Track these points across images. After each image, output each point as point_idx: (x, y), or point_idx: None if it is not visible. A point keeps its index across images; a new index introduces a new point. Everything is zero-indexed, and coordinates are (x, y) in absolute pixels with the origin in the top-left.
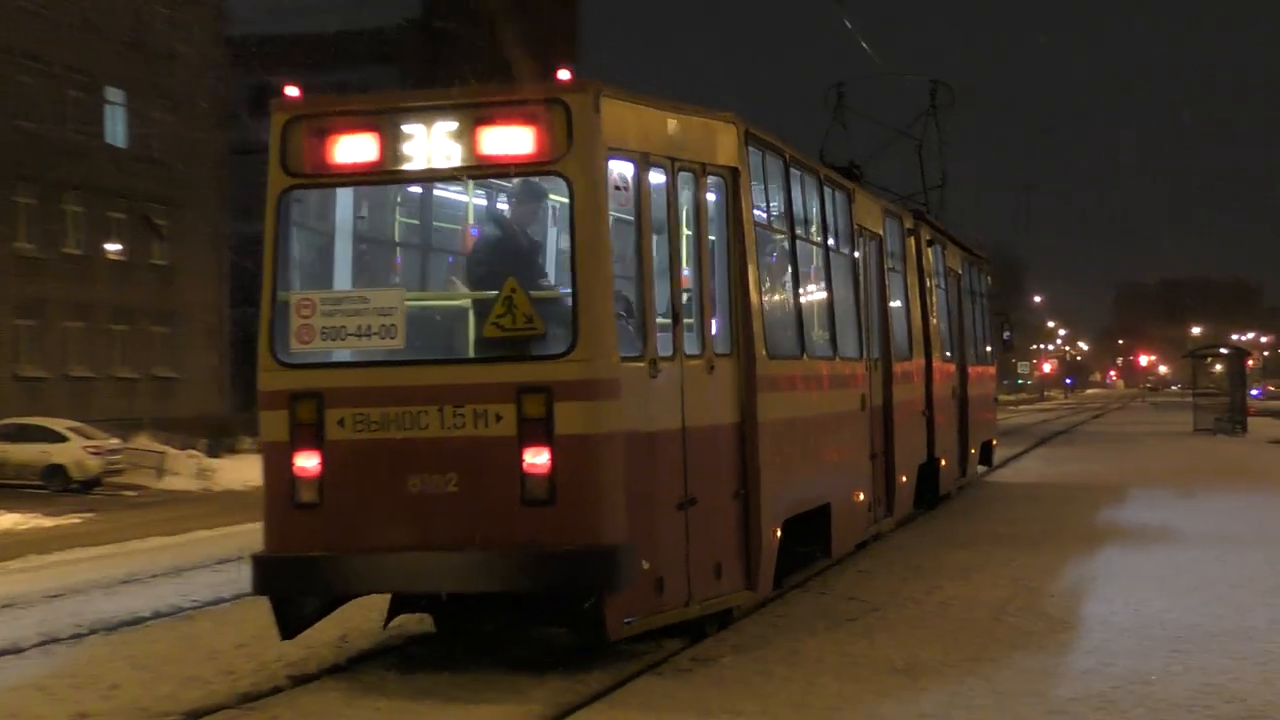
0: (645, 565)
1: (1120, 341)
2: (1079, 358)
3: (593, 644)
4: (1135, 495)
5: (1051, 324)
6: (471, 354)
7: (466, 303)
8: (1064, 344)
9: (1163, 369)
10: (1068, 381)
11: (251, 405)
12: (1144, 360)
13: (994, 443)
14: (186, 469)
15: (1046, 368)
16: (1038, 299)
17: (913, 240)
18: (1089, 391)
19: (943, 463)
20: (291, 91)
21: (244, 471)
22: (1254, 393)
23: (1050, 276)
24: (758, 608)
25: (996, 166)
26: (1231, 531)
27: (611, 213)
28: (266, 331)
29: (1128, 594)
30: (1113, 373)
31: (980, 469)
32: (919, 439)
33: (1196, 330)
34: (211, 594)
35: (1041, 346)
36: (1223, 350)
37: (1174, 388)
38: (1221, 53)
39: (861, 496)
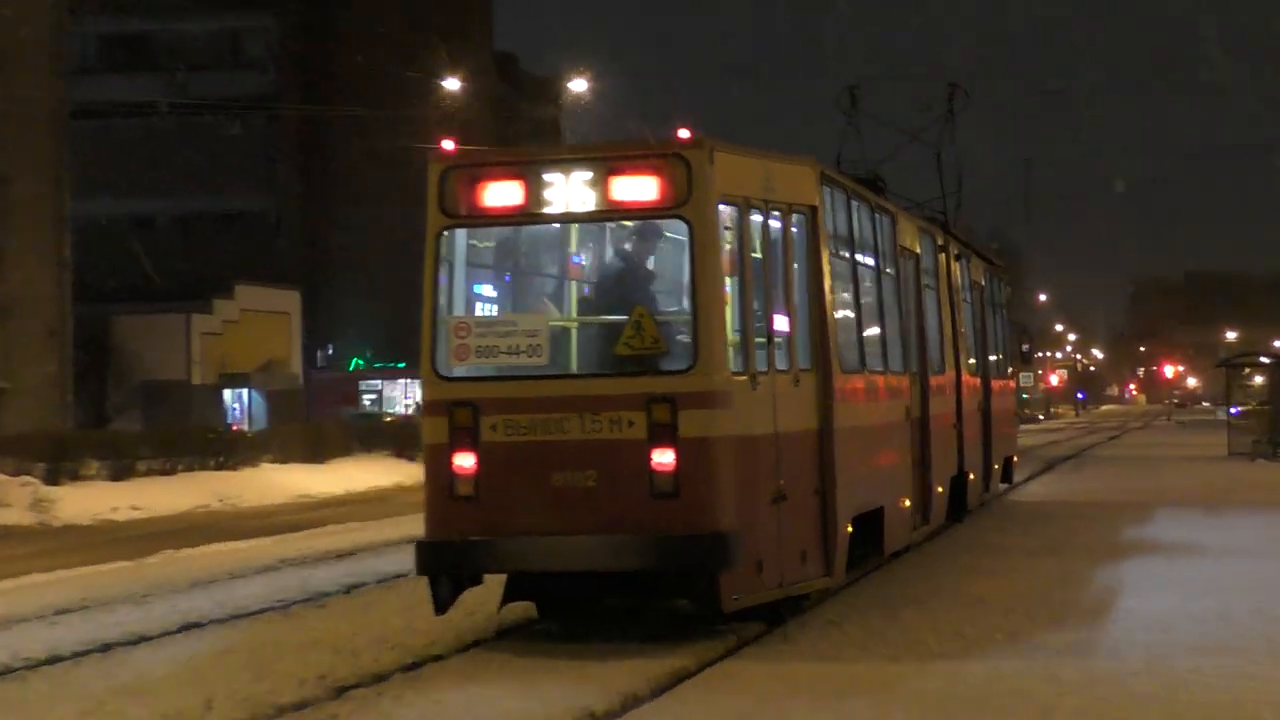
0: (749, 550)
1: (1141, 348)
2: (1092, 368)
3: (709, 614)
4: (1162, 516)
5: (1059, 328)
6: (607, 369)
7: (601, 325)
8: (1074, 351)
9: (1191, 381)
10: (1079, 396)
11: (99, 421)
12: (1169, 370)
13: (1015, 459)
14: (19, 499)
15: (1054, 379)
16: (1043, 297)
17: (943, 256)
18: (1104, 408)
19: (970, 476)
20: (447, 145)
21: (90, 501)
22: (1233, 410)
23: (1058, 271)
24: (829, 595)
25: (998, 145)
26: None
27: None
28: (429, 350)
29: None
30: (1132, 386)
31: (1001, 486)
32: (951, 451)
33: (1232, 335)
34: (47, 650)
35: (1048, 355)
36: (1263, 359)
37: (1204, 404)
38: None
39: (907, 503)
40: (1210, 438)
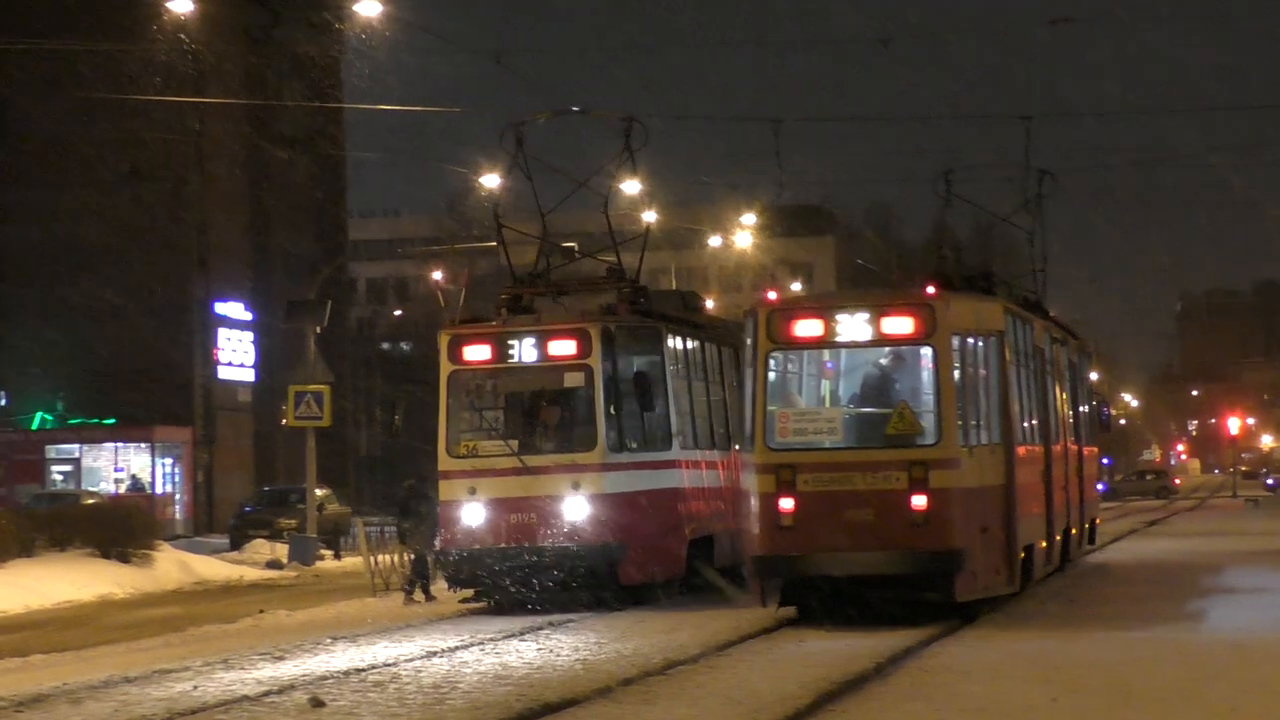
0: (970, 563)
1: (1194, 392)
2: (1123, 420)
3: (948, 603)
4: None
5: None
6: (880, 444)
7: (874, 414)
8: (1096, 396)
9: (1267, 440)
10: (1104, 462)
11: None
12: (1233, 424)
13: (1098, 521)
14: None
15: None
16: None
17: (1055, 346)
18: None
19: (1073, 531)
20: (771, 295)
21: None
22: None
23: (1074, 281)
24: (996, 607)
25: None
26: None
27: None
28: (760, 430)
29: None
30: (1180, 446)
31: (1086, 546)
32: (1063, 508)
33: None
34: None
35: None
36: None
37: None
38: None
39: (1044, 544)
40: None
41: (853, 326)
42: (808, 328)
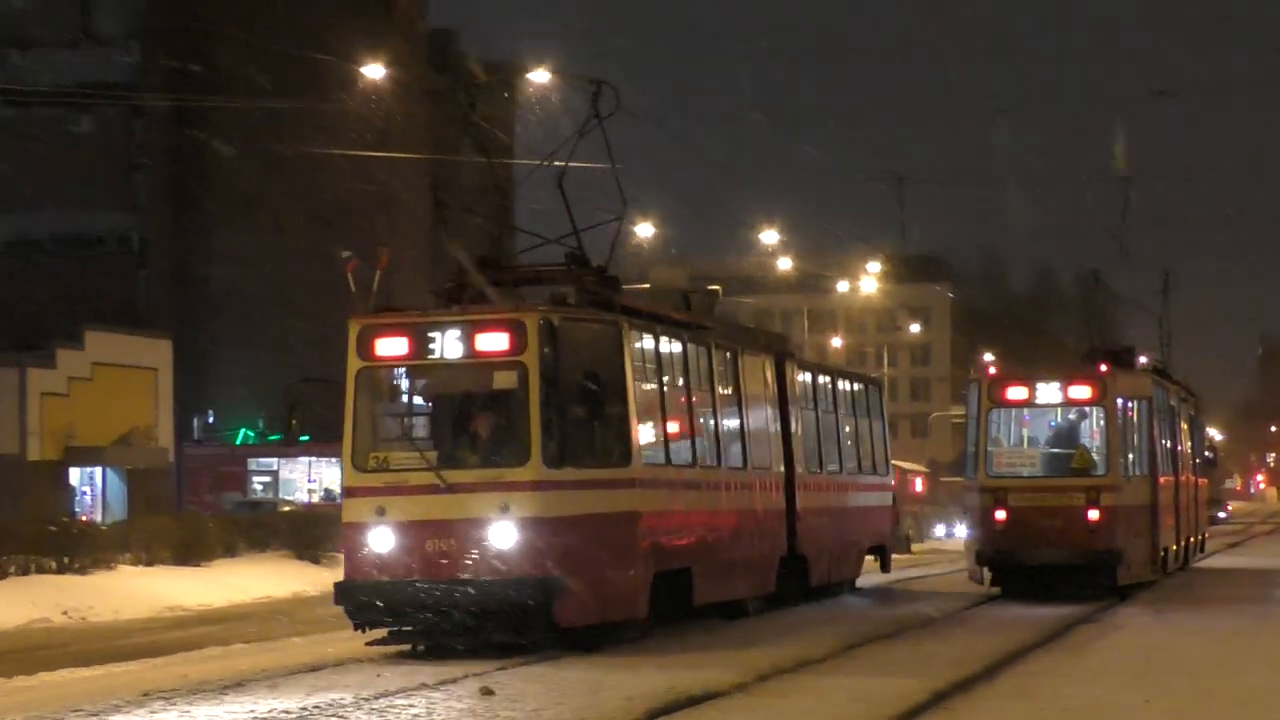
0: (1126, 558)
1: (1272, 428)
2: (1208, 452)
3: (1109, 589)
4: None
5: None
6: (1065, 474)
7: (1062, 453)
8: (1207, 441)
9: None
10: None
11: None
12: None
13: (1206, 535)
14: None
15: None
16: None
17: (1181, 403)
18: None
19: (1191, 540)
20: (991, 369)
21: None
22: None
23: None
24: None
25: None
26: None
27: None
28: (983, 462)
29: None
30: (1260, 477)
31: (1197, 554)
32: (1185, 523)
33: None
34: None
35: None
36: None
37: None
38: None
39: (1174, 547)
40: None
41: (1049, 392)
42: (1018, 393)
